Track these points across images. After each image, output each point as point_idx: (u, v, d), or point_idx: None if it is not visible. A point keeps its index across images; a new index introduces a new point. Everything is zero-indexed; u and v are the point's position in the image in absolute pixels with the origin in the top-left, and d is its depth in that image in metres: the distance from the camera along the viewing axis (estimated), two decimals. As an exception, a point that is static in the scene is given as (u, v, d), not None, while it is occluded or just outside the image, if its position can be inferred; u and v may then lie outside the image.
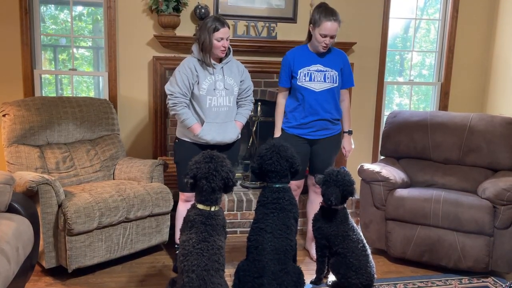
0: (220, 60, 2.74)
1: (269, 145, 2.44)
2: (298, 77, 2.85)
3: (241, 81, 2.80)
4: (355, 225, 2.54)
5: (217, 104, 2.68)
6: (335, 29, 2.74)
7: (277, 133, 2.99)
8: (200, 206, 2.13)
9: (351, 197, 2.56)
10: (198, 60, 2.69)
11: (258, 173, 2.47)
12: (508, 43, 3.98)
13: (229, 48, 2.77)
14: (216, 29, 2.61)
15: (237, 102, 2.85)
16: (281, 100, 2.99)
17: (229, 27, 2.68)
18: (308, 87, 2.84)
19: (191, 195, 2.74)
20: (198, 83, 2.67)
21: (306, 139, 2.92)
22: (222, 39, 2.63)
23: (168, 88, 2.70)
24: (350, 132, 3.07)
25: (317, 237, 2.58)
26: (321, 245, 2.58)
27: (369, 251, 2.50)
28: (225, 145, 2.76)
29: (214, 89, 2.67)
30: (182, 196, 2.82)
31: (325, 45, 2.79)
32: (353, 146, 3.10)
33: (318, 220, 2.58)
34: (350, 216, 2.56)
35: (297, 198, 3.05)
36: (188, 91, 2.68)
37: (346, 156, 3.12)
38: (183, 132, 2.77)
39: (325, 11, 2.76)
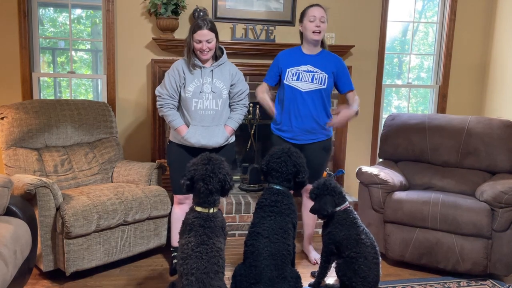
0: (211, 62, 2.71)
1: (284, 147, 2.45)
2: (286, 76, 2.86)
3: (232, 85, 2.76)
4: (367, 229, 2.51)
5: (203, 107, 2.66)
6: (322, 11, 2.78)
7: (273, 109, 2.90)
8: (198, 209, 2.13)
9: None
10: (189, 63, 2.68)
11: (264, 172, 2.47)
12: (506, 46, 3.99)
13: (222, 51, 2.75)
14: (194, 31, 2.59)
15: (229, 106, 2.82)
16: (261, 93, 2.94)
17: (212, 30, 2.61)
18: (295, 86, 2.83)
19: (184, 198, 2.74)
20: (185, 86, 2.66)
21: (292, 144, 2.87)
22: (200, 41, 2.59)
23: (157, 89, 2.73)
24: (357, 113, 2.84)
25: (326, 241, 2.54)
26: (328, 251, 2.54)
27: (380, 259, 2.46)
28: (213, 149, 2.71)
29: (201, 92, 2.65)
30: (176, 198, 2.81)
31: (316, 29, 2.77)
32: (355, 109, 2.81)
33: (328, 225, 2.54)
34: (360, 220, 2.53)
35: None
36: (176, 93, 2.68)
37: (331, 120, 2.87)
38: (173, 134, 2.78)
39: (309, 5, 2.86)
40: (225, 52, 2.78)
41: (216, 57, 2.73)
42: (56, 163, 3.04)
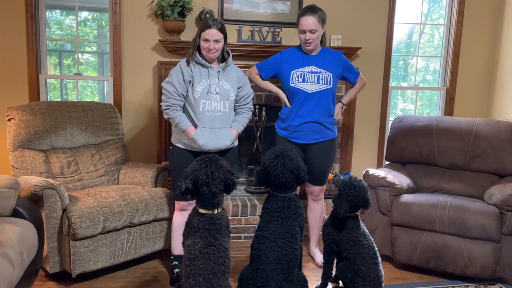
0: (218, 63, 2.69)
1: (274, 155, 2.35)
2: (291, 78, 2.84)
3: (239, 87, 2.74)
4: (367, 231, 2.50)
5: (211, 108, 2.61)
6: (311, 23, 2.72)
7: (283, 95, 2.93)
8: (202, 211, 2.12)
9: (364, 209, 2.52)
10: (195, 61, 2.64)
11: (264, 182, 2.43)
12: (514, 48, 3.97)
13: (228, 53, 2.72)
14: (203, 29, 2.57)
15: (235, 109, 2.78)
16: (255, 75, 2.98)
17: (221, 31, 2.59)
18: (301, 88, 2.82)
19: (186, 204, 2.69)
20: (192, 85, 2.60)
21: (296, 144, 2.88)
22: (207, 40, 2.56)
23: (164, 85, 2.64)
24: (344, 104, 3.02)
25: (326, 241, 2.54)
26: (329, 250, 2.54)
27: (379, 259, 2.45)
28: (219, 152, 2.68)
29: (208, 93, 2.61)
30: (177, 205, 2.74)
31: (305, 42, 2.78)
32: (339, 117, 3.01)
33: (329, 225, 2.53)
34: (362, 222, 2.53)
35: None
36: (184, 90, 2.61)
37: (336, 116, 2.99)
38: (177, 137, 2.70)
39: (303, 10, 2.80)
40: (231, 55, 2.75)
41: (223, 59, 2.71)
42: (63, 164, 3.04)
